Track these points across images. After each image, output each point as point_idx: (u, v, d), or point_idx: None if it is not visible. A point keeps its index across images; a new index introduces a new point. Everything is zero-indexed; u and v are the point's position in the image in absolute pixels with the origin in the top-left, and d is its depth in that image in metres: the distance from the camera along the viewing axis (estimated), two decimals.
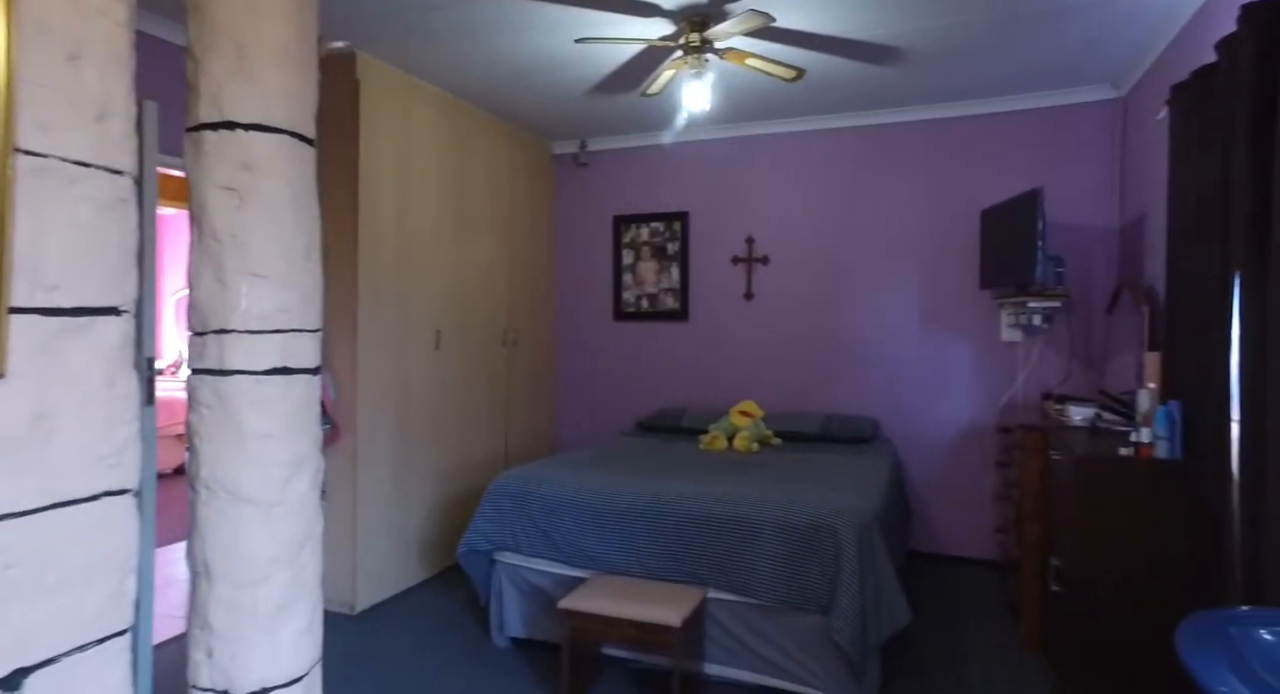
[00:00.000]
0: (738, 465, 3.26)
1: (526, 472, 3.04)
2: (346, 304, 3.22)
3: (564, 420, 4.93)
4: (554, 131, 4.59)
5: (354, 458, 3.22)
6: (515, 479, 2.95)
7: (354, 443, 3.22)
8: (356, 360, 3.21)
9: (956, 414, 3.96)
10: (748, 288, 4.42)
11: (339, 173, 3.19)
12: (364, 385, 3.24)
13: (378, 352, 3.31)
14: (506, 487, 2.92)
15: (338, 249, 3.21)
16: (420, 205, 3.57)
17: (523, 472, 3.03)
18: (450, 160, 3.80)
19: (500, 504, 2.90)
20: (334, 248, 3.22)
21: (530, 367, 4.59)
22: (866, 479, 3.00)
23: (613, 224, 4.74)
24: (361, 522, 3.23)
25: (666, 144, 4.55)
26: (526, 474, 2.99)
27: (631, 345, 4.72)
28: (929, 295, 4.02)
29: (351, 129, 3.19)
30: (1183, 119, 2.40)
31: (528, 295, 4.56)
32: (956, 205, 3.94)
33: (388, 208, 3.35)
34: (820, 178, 4.24)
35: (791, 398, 4.30)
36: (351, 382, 3.23)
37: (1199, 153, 2.25)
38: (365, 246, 3.23)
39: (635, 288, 4.70)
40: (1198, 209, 2.25)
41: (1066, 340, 3.68)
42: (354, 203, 3.20)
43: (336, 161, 3.19)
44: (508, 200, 4.33)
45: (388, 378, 3.37)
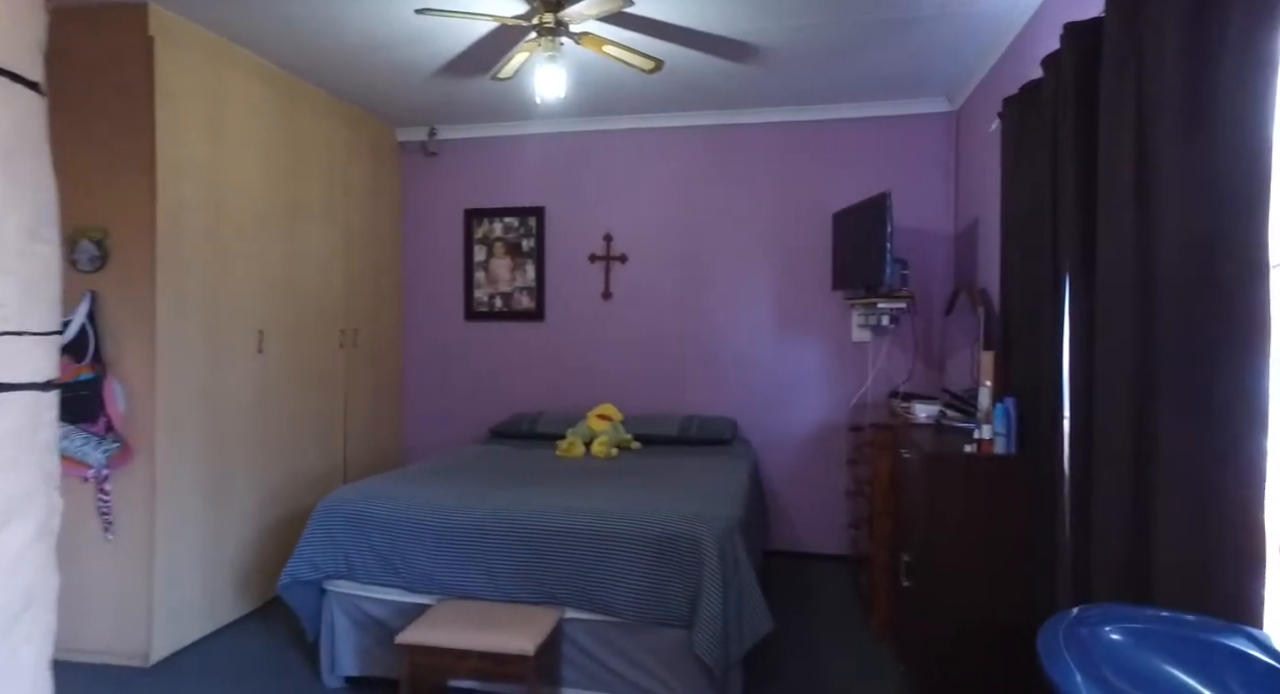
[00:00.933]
0: (595, 473, 3.11)
1: (362, 488, 2.72)
2: (141, 301, 2.75)
3: (412, 429, 4.58)
4: (400, 116, 4.24)
5: (151, 480, 2.76)
6: (349, 497, 2.64)
7: (151, 463, 2.76)
8: (155, 366, 2.75)
9: (811, 413, 4.04)
10: (606, 287, 4.29)
11: (127, 144, 2.72)
12: (164, 395, 2.79)
13: (182, 356, 2.86)
14: (338, 506, 2.60)
15: (125, 235, 2.74)
16: (238, 189, 3.14)
17: (358, 488, 2.72)
18: (277, 140, 3.38)
19: (331, 526, 2.57)
20: (120, 234, 2.74)
21: (373, 370, 4.21)
22: (726, 483, 2.95)
23: (464, 218, 4.46)
24: (160, 555, 2.77)
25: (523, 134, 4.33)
26: (362, 491, 2.68)
27: (484, 347, 4.46)
28: (784, 296, 4.07)
29: (142, 94, 2.72)
30: (1013, 130, 2.53)
31: (370, 293, 4.18)
32: (810, 207, 4.02)
33: (194, 189, 2.91)
34: (679, 176, 4.19)
35: (651, 400, 4.22)
36: (149, 390, 2.76)
37: (1027, 162, 2.37)
38: (165, 234, 2.78)
39: (488, 286, 4.44)
40: (1027, 215, 2.37)
41: (911, 340, 3.85)
42: (148, 182, 2.73)
43: (124, 132, 2.72)
44: (347, 188, 3.94)
45: (196, 385, 2.93)
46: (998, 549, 2.32)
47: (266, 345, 3.31)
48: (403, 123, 4.37)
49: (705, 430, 3.83)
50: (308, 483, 3.60)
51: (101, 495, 2.80)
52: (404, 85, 3.69)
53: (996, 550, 2.32)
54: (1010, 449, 2.34)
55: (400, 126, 4.44)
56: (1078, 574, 1.92)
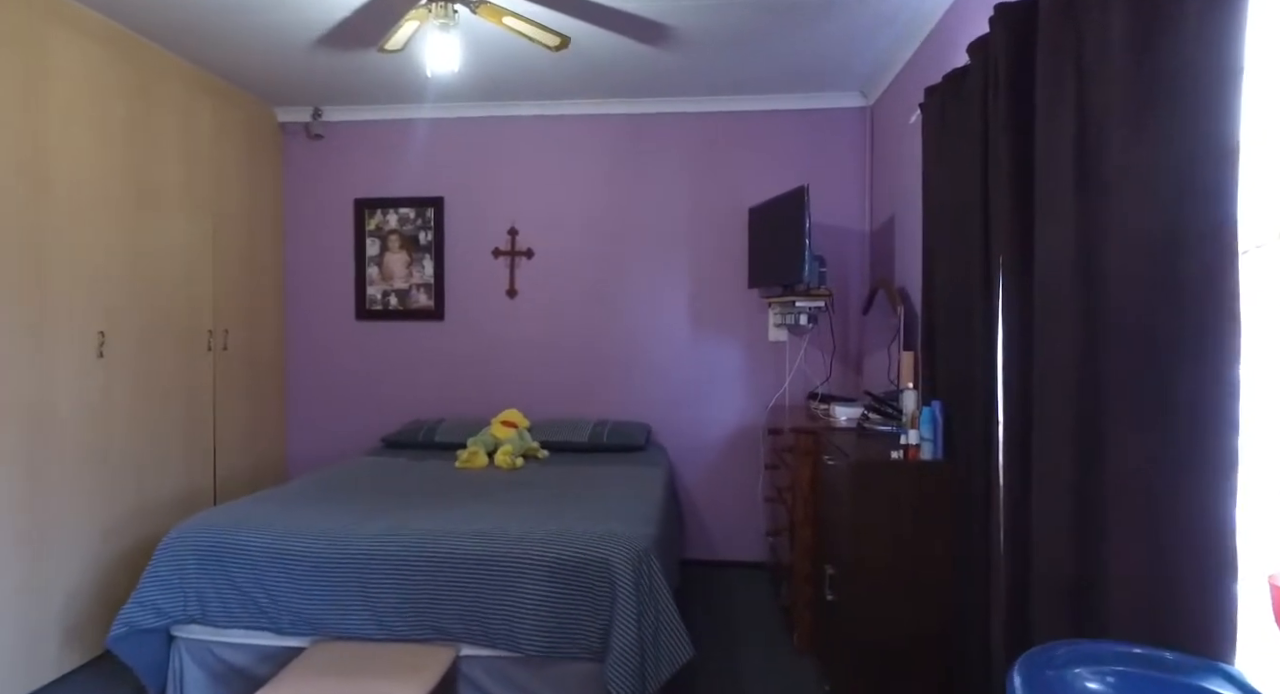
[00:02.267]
0: (498, 487, 2.84)
1: (223, 513, 2.35)
2: None
3: (297, 439, 4.14)
4: (280, 94, 3.81)
5: None
6: (205, 525, 2.26)
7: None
8: None
9: (727, 416, 3.88)
10: (511, 283, 4.00)
11: None
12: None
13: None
14: (191, 536, 2.22)
15: None
16: (66, 169, 2.67)
17: (214, 516, 2.34)
18: (120, 113, 2.91)
19: (181, 562, 2.19)
20: None
21: (250, 375, 3.76)
22: (641, 496, 2.74)
23: (355, 209, 4.06)
24: None
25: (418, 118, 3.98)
26: (223, 516, 2.31)
27: (378, 349, 4.08)
28: (700, 293, 3.91)
29: None
30: (935, 120, 2.42)
31: (246, 290, 3.73)
32: (725, 202, 3.87)
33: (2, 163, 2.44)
34: (589, 167, 3.95)
35: (560, 404, 3.96)
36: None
37: (953, 153, 2.27)
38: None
39: (382, 283, 4.06)
40: (953, 208, 2.26)
41: (829, 340, 3.75)
42: None
43: None
44: (216, 174, 3.48)
45: (11, 397, 2.46)
46: (927, 561, 2.20)
47: (109, 349, 2.85)
48: (283, 101, 3.93)
49: (617, 436, 3.61)
50: (165, 508, 3.14)
51: None
52: (281, 57, 3.29)
53: (925, 562, 2.20)
54: (938, 454, 2.23)
55: (281, 105, 4.00)
56: (1014, 587, 1.81)
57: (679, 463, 3.89)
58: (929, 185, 2.48)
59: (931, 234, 2.46)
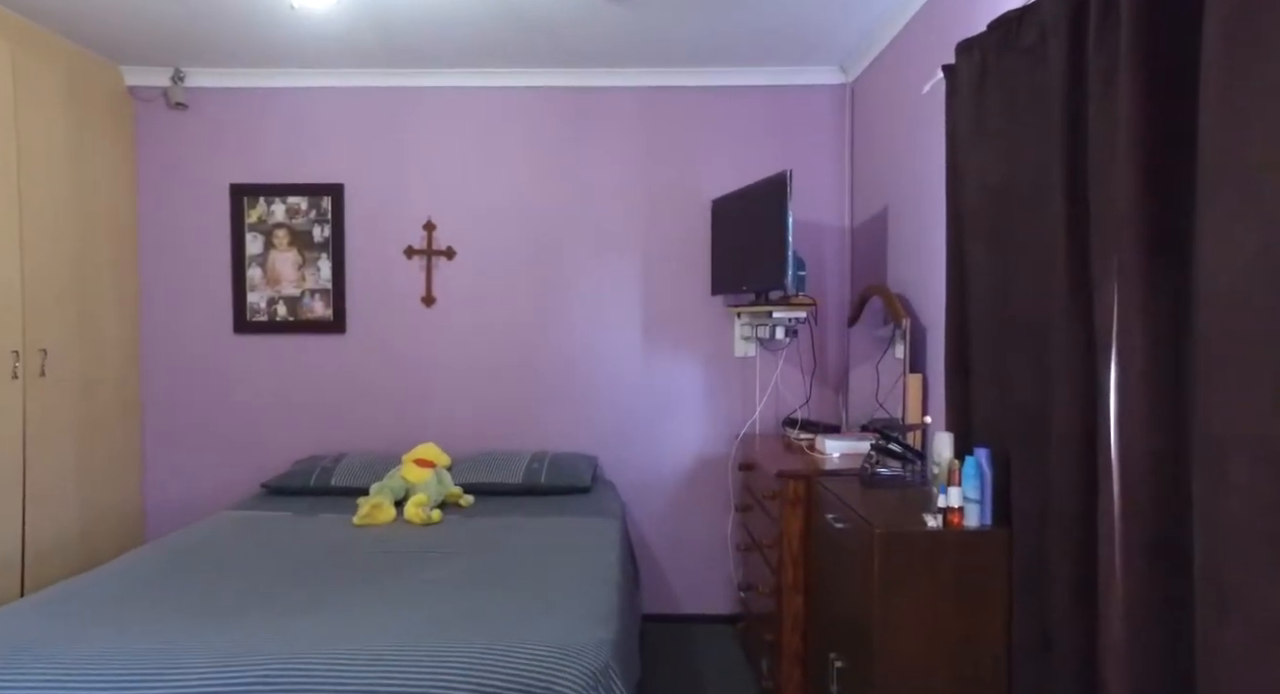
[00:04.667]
0: (405, 558, 2.16)
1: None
2: None
3: (157, 488, 3.33)
4: (125, 48, 3.02)
5: None
6: None
7: None
8: None
9: (687, 446, 3.29)
10: (427, 289, 3.31)
11: None
12: None
13: None
14: None
15: None
16: None
17: None
18: None
19: None
20: None
21: (81, 408, 2.95)
22: (592, 565, 2.11)
23: (230, 196, 3.29)
24: None
25: None
26: None
27: (263, 369, 3.32)
28: (653, 301, 3.31)
29: None
30: (972, 83, 1.88)
31: (74, 298, 2.92)
32: (683, 192, 3.28)
33: None
34: (520, 150, 3.30)
35: (487, 435, 3.30)
36: None
37: (1006, 121, 1.73)
38: None
39: (267, 288, 3.31)
40: (1006, 194, 1.73)
41: (809, 357, 3.20)
42: None
43: None
44: (24, 148, 2.68)
45: None
46: (975, 662, 1.66)
47: None
48: (131, 58, 3.14)
49: (558, 474, 2.97)
50: None
51: None
52: None
53: (973, 663, 1.66)
54: (986, 520, 1.69)
55: (129, 64, 3.20)
56: None
57: (632, 502, 3.27)
58: (959, 167, 1.95)
59: (964, 229, 1.92)
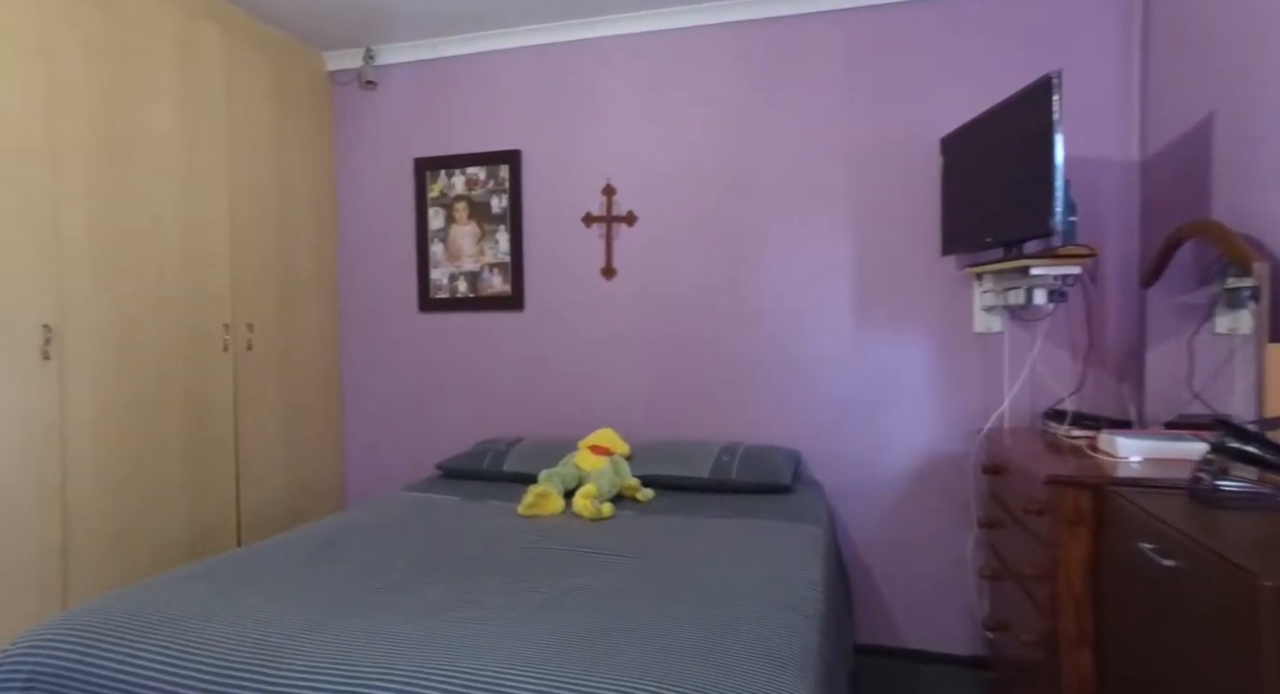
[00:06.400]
0: (566, 559, 1.84)
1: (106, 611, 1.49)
2: None
3: (355, 463, 3.38)
4: (328, 32, 3.05)
5: None
6: (67, 636, 1.41)
7: None
8: None
9: (911, 442, 2.68)
10: (607, 260, 3.02)
11: None
12: None
13: None
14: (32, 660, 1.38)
15: None
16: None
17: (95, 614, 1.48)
18: (74, 37, 2.20)
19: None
20: None
21: (286, 382, 3.03)
22: (791, 584, 1.64)
23: (415, 171, 3.24)
24: None
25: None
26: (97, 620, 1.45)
27: (445, 347, 3.24)
28: (865, 267, 2.73)
29: None
30: None
31: (277, 276, 2.99)
32: (898, 134, 2.67)
33: None
34: (703, 98, 2.88)
35: (670, 422, 2.93)
36: None
37: None
38: None
39: (449, 263, 3.21)
40: None
41: (1084, 330, 2.45)
42: None
43: None
44: (231, 132, 2.75)
45: None
46: None
47: (61, 348, 2.14)
48: (333, 44, 3.18)
49: (753, 470, 2.52)
50: (166, 554, 2.43)
51: None
52: None
53: None
54: None
55: (331, 49, 3.26)
56: None
57: (841, 506, 2.73)
58: None
59: None
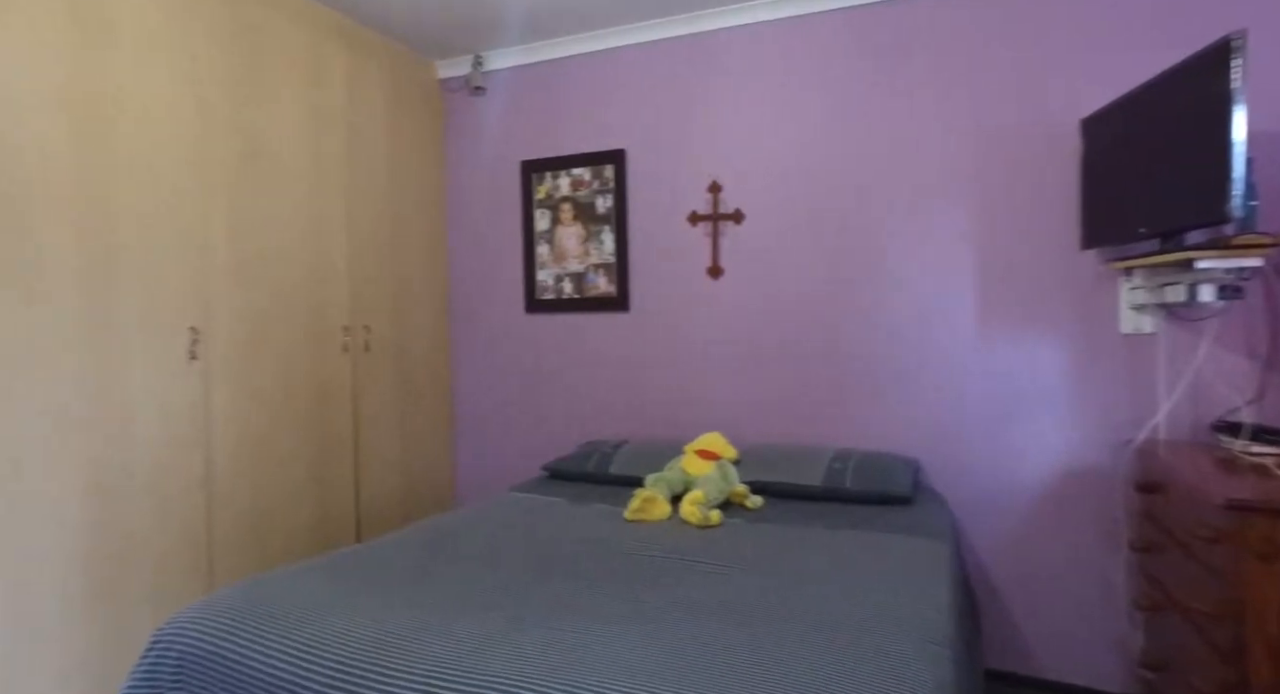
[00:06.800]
0: (665, 567, 1.78)
1: (242, 598, 1.55)
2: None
3: (467, 462, 3.46)
4: (440, 41, 3.14)
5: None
6: (208, 620, 1.48)
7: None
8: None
9: (1046, 454, 2.45)
10: (714, 259, 2.94)
11: None
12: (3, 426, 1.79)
13: (29, 363, 1.86)
14: (181, 641, 1.45)
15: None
16: (144, 120, 2.12)
17: (233, 600, 1.55)
18: (218, 57, 2.34)
19: (156, 677, 1.43)
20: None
21: (400, 381, 3.13)
22: (916, 605, 1.51)
23: (521, 173, 3.28)
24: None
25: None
26: (235, 607, 1.51)
27: (551, 348, 3.25)
28: (991, 263, 2.52)
29: None
30: None
31: (391, 277, 3.10)
32: (1028, 118, 2.45)
33: (46, 110, 1.90)
34: (814, 90, 2.75)
35: (780, 427, 2.81)
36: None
37: None
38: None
39: (554, 264, 3.23)
40: None
41: (1262, 329, 2.16)
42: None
43: None
44: (351, 139, 2.87)
45: (58, 408, 1.92)
46: None
47: (205, 349, 2.28)
48: (445, 52, 3.27)
49: (869, 478, 2.38)
50: (292, 543, 2.55)
51: None
52: None
53: None
54: None
55: (443, 58, 3.34)
56: None
57: (967, 520, 2.54)
58: None
59: None
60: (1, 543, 1.79)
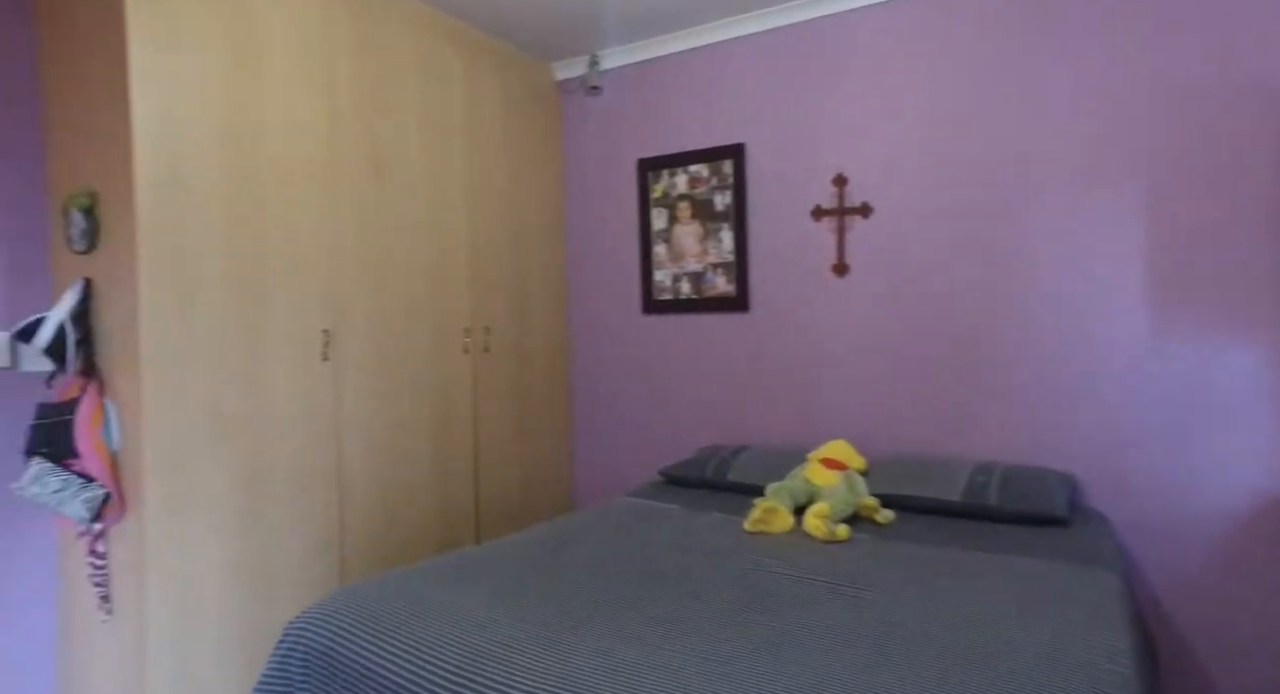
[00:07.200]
0: (789, 585, 1.65)
1: (361, 598, 1.58)
2: (127, 290, 1.92)
3: (585, 463, 3.46)
4: (555, 45, 3.15)
5: (140, 545, 1.92)
6: (329, 618, 1.51)
7: (139, 522, 1.91)
8: (140, 382, 1.91)
9: (1236, 474, 2.12)
10: (839, 255, 2.76)
11: (101, 66, 1.92)
12: (157, 422, 1.93)
13: (190, 367, 2.00)
14: (306, 636, 1.49)
15: (116, 198, 1.93)
16: (280, 133, 2.23)
17: (353, 598, 1.58)
18: (349, 72, 2.44)
19: (287, 669, 1.47)
20: (112, 196, 1.94)
21: (519, 384, 3.17)
22: (1085, 649, 1.31)
23: (638, 172, 3.23)
24: (158, 651, 1.91)
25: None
26: (354, 606, 1.54)
27: (668, 350, 3.19)
28: (1166, 252, 2.21)
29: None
30: None
31: (510, 279, 3.14)
32: (1230, 75, 2.12)
33: (206, 132, 2.03)
34: (956, 63, 2.53)
35: (915, 435, 2.61)
36: (135, 417, 1.93)
37: None
38: (151, 193, 1.92)
39: (672, 264, 3.16)
40: None
41: None
42: (124, 118, 1.90)
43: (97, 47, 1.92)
44: (471, 142, 2.93)
45: (214, 408, 2.05)
46: None
47: (338, 350, 2.38)
48: (561, 53, 3.28)
49: (1017, 494, 2.14)
50: (418, 539, 2.63)
51: (94, 560, 2.03)
52: None
53: None
54: None
55: (559, 60, 3.36)
56: None
57: (1136, 548, 2.24)
58: None
59: None
60: (168, 534, 1.92)
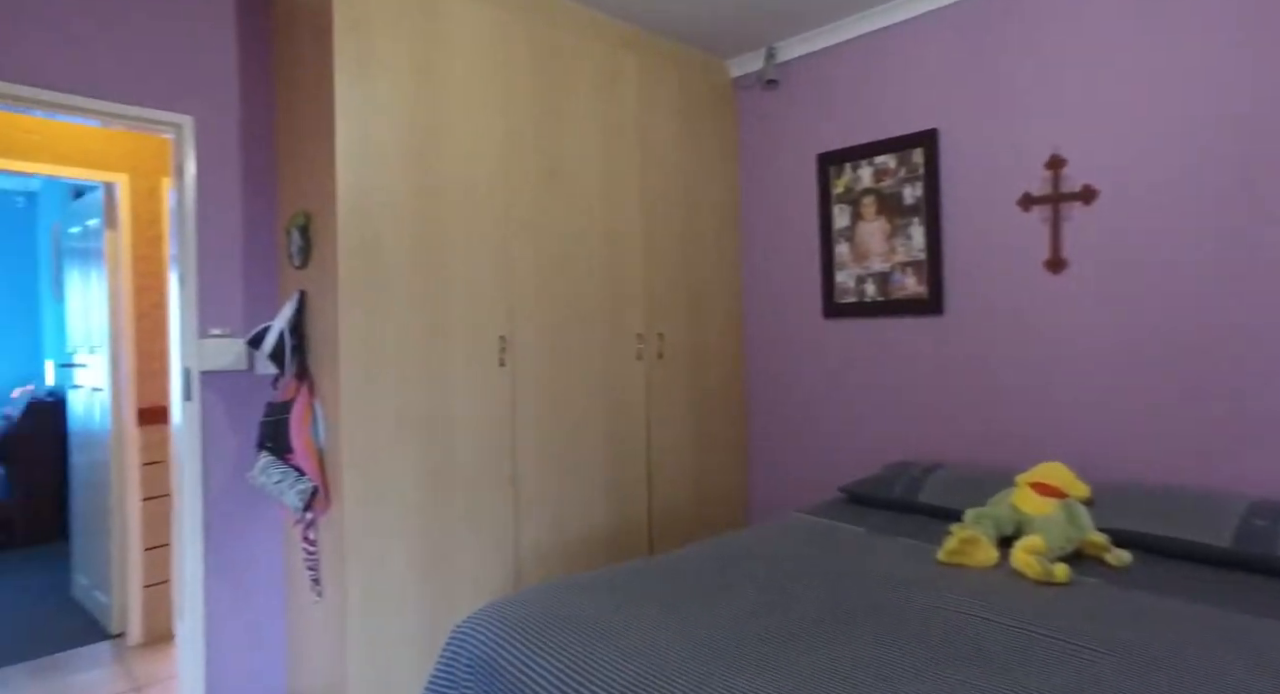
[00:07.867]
0: (994, 633, 1.41)
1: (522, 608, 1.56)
2: (329, 301, 2.10)
3: (759, 473, 3.32)
4: (730, 37, 3.06)
5: (340, 535, 2.08)
6: (491, 626, 1.51)
7: (340, 513, 2.07)
8: (339, 384, 2.07)
9: None
10: (1053, 250, 2.40)
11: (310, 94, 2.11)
12: (353, 422, 2.08)
13: (382, 371, 2.13)
14: (470, 642, 1.50)
15: (324, 216, 2.12)
16: (462, 147, 2.33)
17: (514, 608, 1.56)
18: (525, 85, 2.51)
19: (454, 672, 1.49)
20: (322, 215, 2.13)
21: (693, 391, 3.09)
22: None
23: (818, 167, 3.04)
24: (356, 632, 2.06)
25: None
26: (514, 616, 1.53)
27: (852, 357, 2.96)
28: None
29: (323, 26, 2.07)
30: None
31: (683, 284, 3.07)
32: None
33: (395, 149, 2.17)
34: (1195, 18, 2.08)
35: (1154, 461, 2.18)
36: (335, 417, 2.09)
37: None
38: (350, 211, 2.07)
39: (855, 264, 2.93)
40: None
41: None
42: (328, 141, 2.07)
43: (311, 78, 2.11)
44: (645, 145, 2.91)
45: (402, 409, 2.18)
46: None
47: (513, 356, 2.45)
48: (736, 49, 3.17)
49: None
50: (588, 547, 2.64)
51: (306, 545, 2.23)
52: None
53: None
54: None
55: (733, 56, 3.26)
56: None
57: None
58: None
59: None
60: (363, 525, 2.07)
